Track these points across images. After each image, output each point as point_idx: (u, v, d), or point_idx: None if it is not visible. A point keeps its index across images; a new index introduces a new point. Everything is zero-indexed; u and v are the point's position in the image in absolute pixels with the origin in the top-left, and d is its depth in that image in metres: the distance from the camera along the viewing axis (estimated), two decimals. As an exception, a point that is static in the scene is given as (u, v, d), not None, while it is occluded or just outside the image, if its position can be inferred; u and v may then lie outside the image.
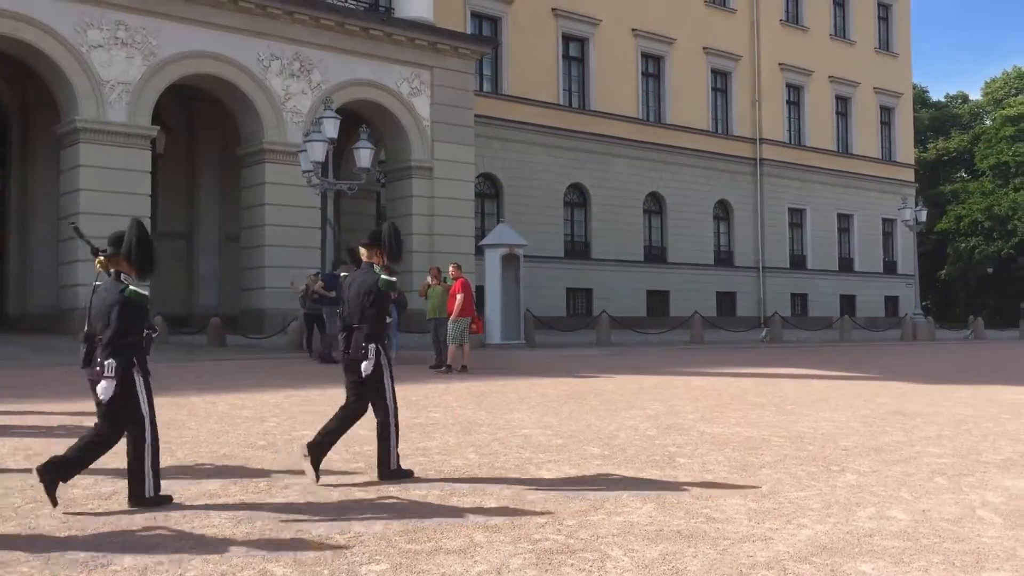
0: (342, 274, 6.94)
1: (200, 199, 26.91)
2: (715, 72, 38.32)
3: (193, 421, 9.00)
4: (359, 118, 23.83)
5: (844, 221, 43.34)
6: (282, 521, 5.09)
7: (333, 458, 6.86)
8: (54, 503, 5.22)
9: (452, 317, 15.31)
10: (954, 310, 57.08)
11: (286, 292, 21.33)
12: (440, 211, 25.03)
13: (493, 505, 5.52)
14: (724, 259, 37.97)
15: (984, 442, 8.29)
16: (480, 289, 24.19)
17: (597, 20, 33.85)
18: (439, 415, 9.64)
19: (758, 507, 5.57)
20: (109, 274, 5.27)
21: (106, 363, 5.06)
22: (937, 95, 71.31)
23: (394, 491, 5.87)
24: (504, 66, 31.66)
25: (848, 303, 42.23)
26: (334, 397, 10.79)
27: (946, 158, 63.79)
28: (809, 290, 40.96)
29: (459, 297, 15.36)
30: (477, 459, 7.07)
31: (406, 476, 6.20)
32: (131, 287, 5.14)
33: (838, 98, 43.11)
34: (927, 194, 53.85)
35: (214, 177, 26.94)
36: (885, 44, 45.42)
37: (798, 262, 41.09)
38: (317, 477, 6.02)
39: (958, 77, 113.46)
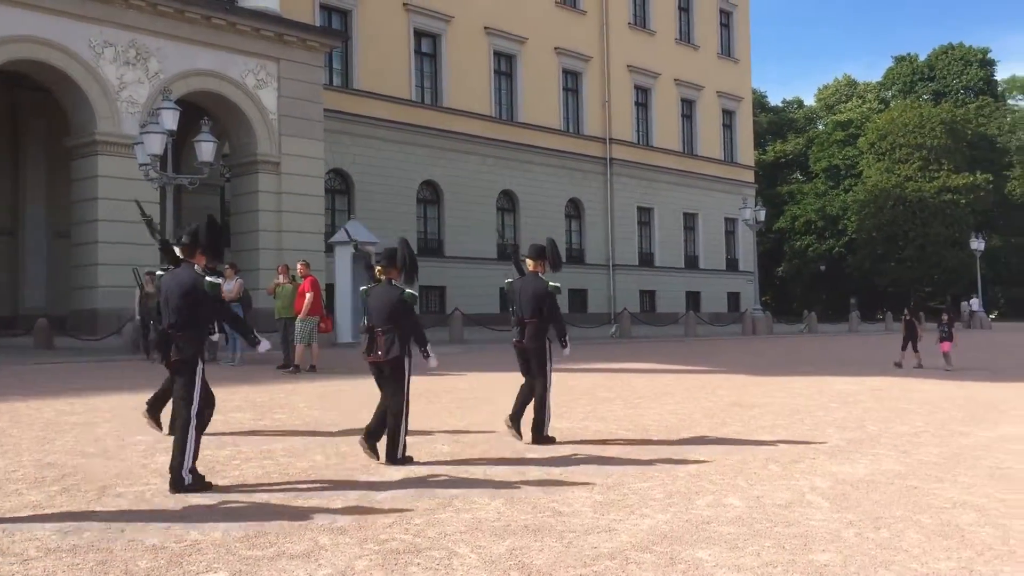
0: (158, 272, 6.70)
1: (25, 193, 25.29)
2: (566, 72, 39.08)
3: (15, 428, 8.45)
4: (201, 110, 22.99)
5: (690, 220, 45.06)
6: (112, 531, 4.86)
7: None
8: None
9: (300, 316, 15.02)
10: (791, 305, 60.42)
11: (121, 291, 20.35)
12: (288, 207, 24.48)
13: (339, 507, 5.44)
14: (576, 257, 38.82)
15: (814, 431, 8.81)
16: (330, 287, 23.80)
17: (449, 16, 33.90)
18: (285, 417, 9.43)
19: (603, 499, 5.72)
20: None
21: None
22: (775, 100, 75.17)
23: (235, 496, 5.70)
24: (354, 60, 31.26)
25: (694, 299, 43.95)
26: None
27: (783, 160, 67.43)
28: (657, 287, 42.38)
29: (308, 296, 15.07)
30: (324, 461, 6.96)
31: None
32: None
33: (683, 100, 44.78)
34: (766, 194, 56.75)
35: (41, 170, 25.37)
36: (727, 50, 47.52)
37: (646, 260, 42.45)
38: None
39: (794, 83, 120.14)
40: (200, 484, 5.86)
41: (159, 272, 6.57)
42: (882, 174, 57.58)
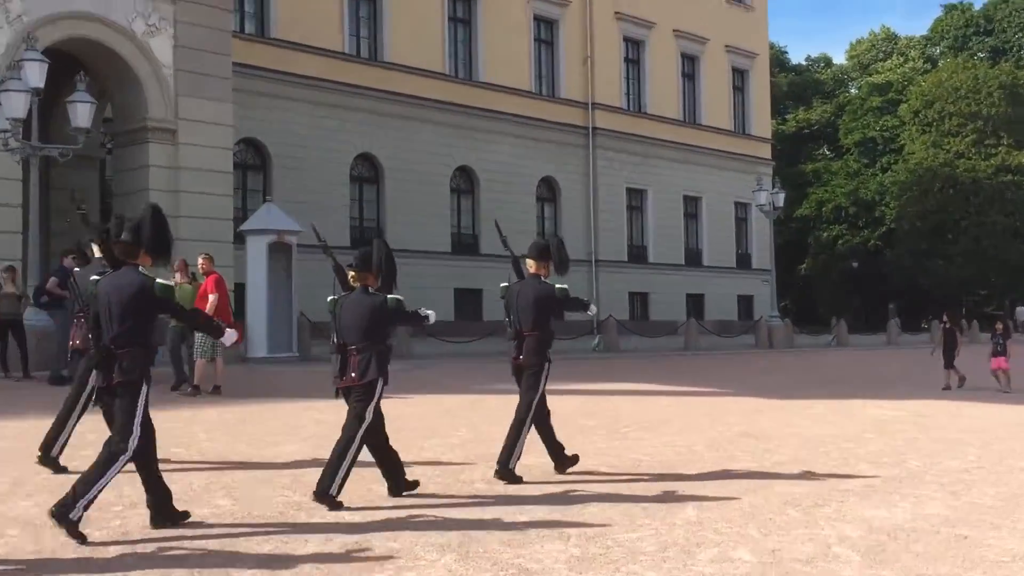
0: (92, 277, 6.64)
1: None
2: (539, 20, 39.17)
3: None
4: (77, 63, 22.71)
5: (691, 205, 45.33)
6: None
7: (34, 511, 6.51)
8: None
9: (202, 323, 14.86)
10: (816, 311, 60.92)
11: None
12: (187, 186, 24.23)
13: (245, 568, 5.38)
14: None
15: (844, 466, 8.88)
16: (240, 287, 23.62)
17: (392, -52, 33.86)
18: (182, 451, 9.34)
19: (581, 553, 5.72)
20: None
21: None
22: (797, 57, 76.17)
23: (114, 552, 5.62)
24: (272, 2, 31.07)
25: (696, 304, 44.23)
26: (31, 430, 10.23)
27: (807, 131, 68.00)
28: (651, 288, 42.59)
29: (211, 298, 14.95)
30: (230, 506, 6.90)
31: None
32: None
33: (684, 56, 45.06)
34: (786, 174, 57.02)
35: None
36: (738, -6, 47.94)
37: (638, 255, 42.65)
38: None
39: (821, 37, 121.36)
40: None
41: (94, 277, 6.61)
42: (928, 149, 58.24)
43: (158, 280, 6.16)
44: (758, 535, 6.23)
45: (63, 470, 8.02)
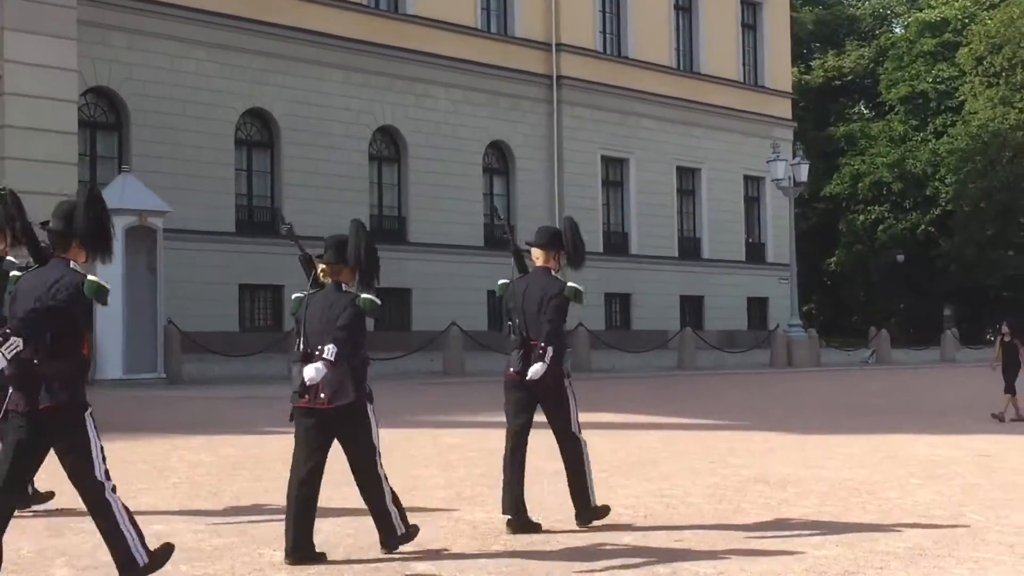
0: (13, 273, 6.84)
1: None
2: (487, -65, 39.21)
3: None
4: None
5: (688, 179, 45.50)
6: None
7: None
8: None
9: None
10: (849, 319, 61.40)
11: None
12: (14, 151, 23.98)
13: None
14: (500, 238, 38.84)
15: (885, 519, 8.94)
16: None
17: None
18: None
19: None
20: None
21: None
22: (826, -13, 76.44)
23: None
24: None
25: (693, 308, 44.38)
26: None
27: (838, 83, 68.47)
28: (634, 288, 42.65)
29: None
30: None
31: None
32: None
33: (678, -16, 45.32)
34: (811, 139, 57.61)
35: None
36: (749, -98, 48.25)
37: (617, 244, 42.73)
38: None
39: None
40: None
41: (15, 273, 6.82)
42: (995, 108, 58.93)
43: (89, 277, 6.23)
44: (772, 612, 6.27)
45: None
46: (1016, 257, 57.39)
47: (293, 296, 7.69)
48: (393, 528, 7.33)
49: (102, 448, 6.34)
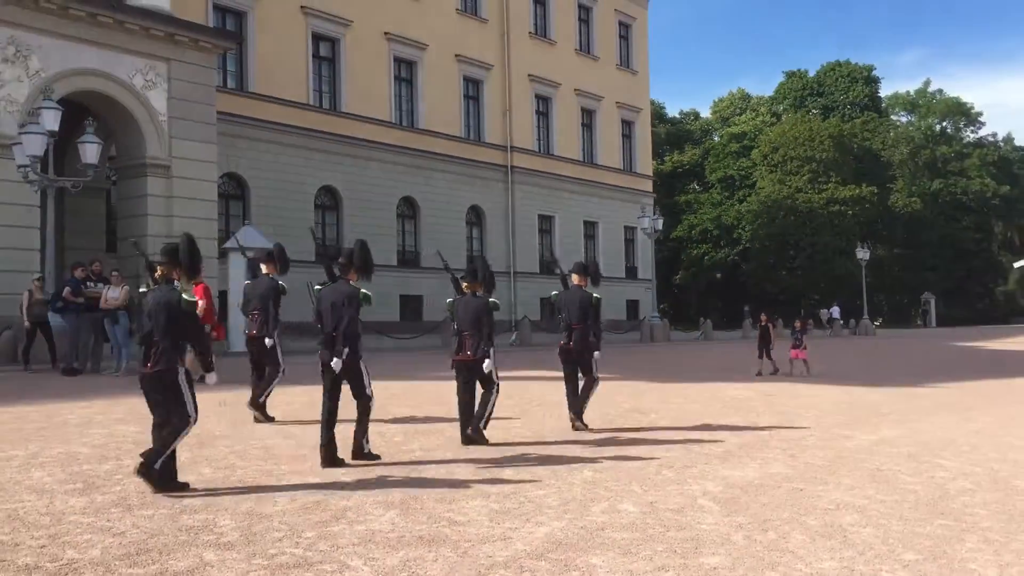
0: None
1: None
2: (467, 80, 39.10)
3: None
4: (86, 110, 22.13)
5: (590, 228, 45.61)
6: (-19, 554, 4.61)
7: (47, 480, 6.33)
8: None
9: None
10: (687, 313, 61.77)
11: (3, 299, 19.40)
12: (179, 212, 23.77)
13: (227, 523, 5.29)
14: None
15: (708, 435, 9.02)
16: (223, 294, 23.30)
17: (348, 21, 33.53)
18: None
19: (499, 507, 5.73)
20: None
21: None
22: (673, 111, 76.90)
23: (116, 512, 5.49)
24: (250, 62, 30.58)
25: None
26: (51, 413, 9.95)
27: (680, 170, 68.91)
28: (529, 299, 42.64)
29: (199, 303, 14.63)
30: (212, 474, 6.77)
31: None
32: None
33: (584, 110, 45.33)
34: (664, 203, 57.86)
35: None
36: (626, 62, 48.35)
37: (549, 269, 42.75)
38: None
39: (691, 95, 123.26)
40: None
41: (318, 287, 7.55)
42: (775, 185, 59.51)
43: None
44: (640, 491, 6.30)
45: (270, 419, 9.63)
46: (787, 276, 58.08)
47: (447, 300, 8.56)
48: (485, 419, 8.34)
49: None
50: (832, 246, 57.13)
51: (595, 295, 9.76)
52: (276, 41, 31.23)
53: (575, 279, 10.01)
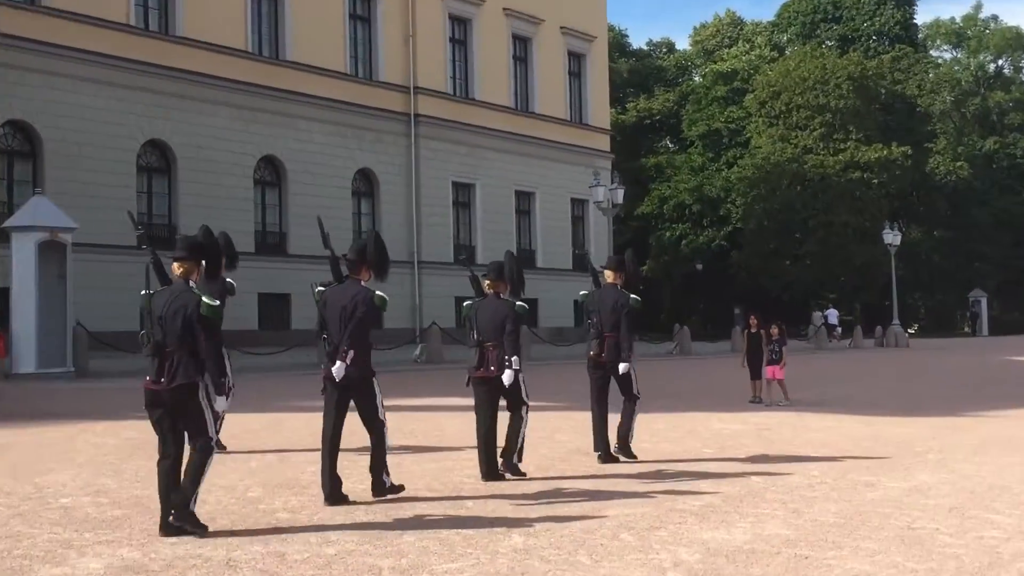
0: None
1: None
2: (354, -8, 38.98)
3: None
4: None
5: (524, 201, 45.75)
6: None
7: None
8: None
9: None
10: (658, 317, 62.26)
11: None
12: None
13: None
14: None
15: (681, 485, 9.10)
16: (4, 293, 22.82)
17: (186, -92, 33.13)
18: (-69, 484, 8.90)
19: (394, 588, 5.70)
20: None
21: None
22: (638, 42, 77.83)
23: None
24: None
25: (530, 309, 44.56)
26: None
27: (648, 122, 69.39)
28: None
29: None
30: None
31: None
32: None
33: (516, 38, 45.47)
34: (626, 168, 58.23)
35: None
36: (574, -31, 48.64)
37: (467, 256, 42.70)
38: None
39: (663, 20, 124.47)
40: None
41: (320, 288, 8.48)
42: (775, 143, 60.29)
43: (377, 292, 8.13)
44: (589, 562, 6.33)
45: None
46: (792, 266, 58.80)
47: (465, 304, 9.64)
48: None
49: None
50: (852, 227, 58.06)
51: (632, 296, 10.57)
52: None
53: (608, 276, 10.79)
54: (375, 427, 8.19)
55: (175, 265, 7.20)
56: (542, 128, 46.13)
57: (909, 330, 56.93)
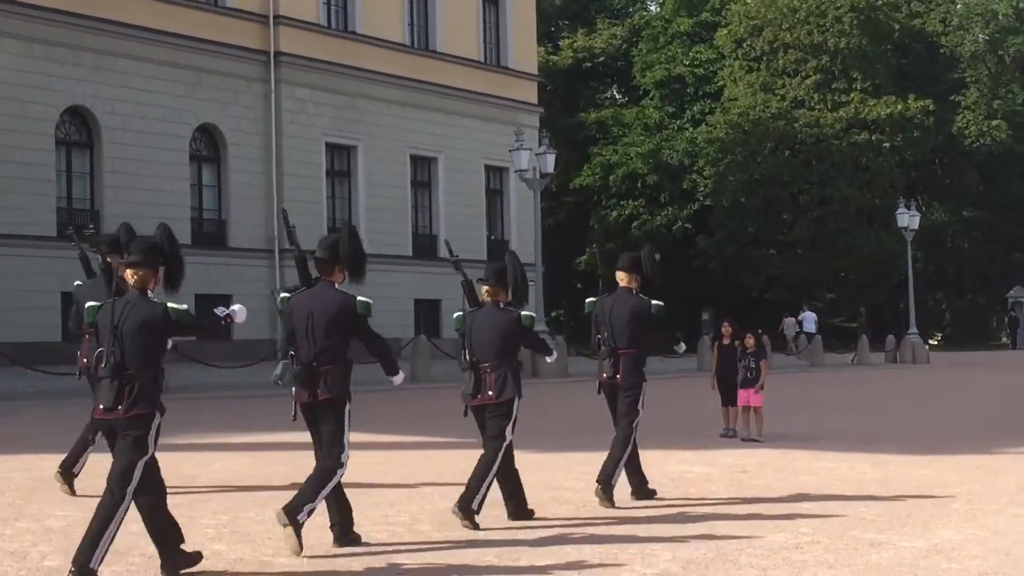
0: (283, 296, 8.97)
1: None
2: None
3: None
4: None
5: (423, 169, 45.64)
6: None
7: None
8: None
9: None
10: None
11: None
12: None
13: None
14: (210, 234, 38.28)
15: (630, 548, 9.09)
16: None
17: None
18: None
19: None
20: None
21: None
22: (575, -40, 77.61)
23: None
24: None
25: (430, 313, 44.52)
26: None
27: (589, 65, 69.47)
28: (361, 291, 42.34)
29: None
30: None
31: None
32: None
33: (411, -50, 45.43)
34: (559, 126, 58.30)
35: None
36: None
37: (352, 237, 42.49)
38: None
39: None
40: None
41: (284, 295, 9.29)
42: (755, 95, 60.60)
43: (360, 298, 8.87)
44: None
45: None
46: (779, 256, 59.04)
47: (455, 314, 10.04)
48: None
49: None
50: (856, 205, 58.53)
51: (655, 302, 11.12)
52: None
53: (622, 279, 11.19)
54: (329, 459, 8.65)
55: (128, 272, 7.67)
56: (447, 73, 46.07)
57: (930, 341, 57.66)
